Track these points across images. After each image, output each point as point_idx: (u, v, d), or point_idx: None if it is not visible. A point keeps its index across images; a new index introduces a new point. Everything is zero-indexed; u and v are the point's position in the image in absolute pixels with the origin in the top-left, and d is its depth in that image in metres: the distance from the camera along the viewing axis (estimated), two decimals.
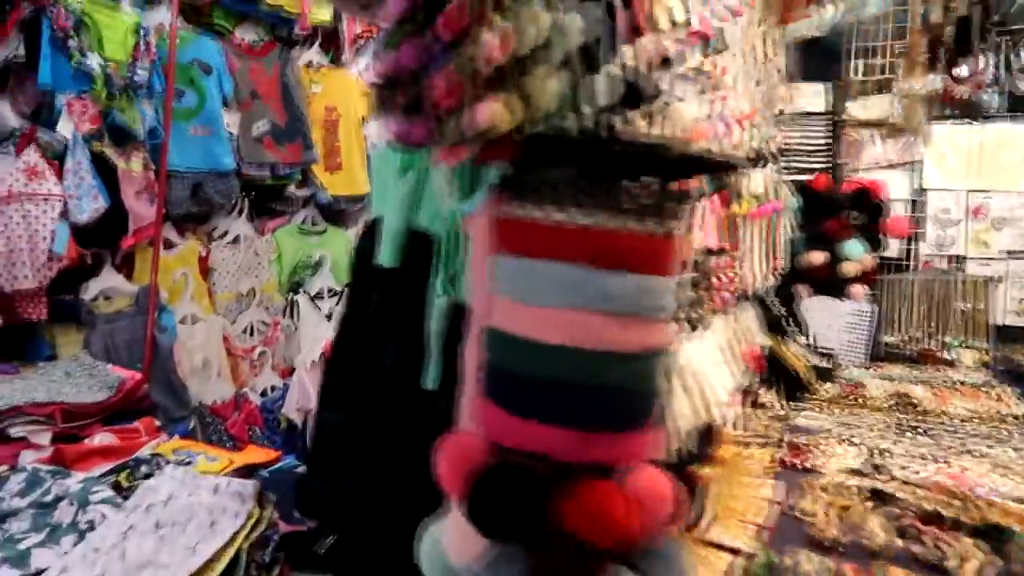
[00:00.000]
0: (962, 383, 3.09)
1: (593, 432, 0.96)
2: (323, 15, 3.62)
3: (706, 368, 1.68)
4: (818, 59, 3.45)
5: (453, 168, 1.24)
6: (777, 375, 2.69)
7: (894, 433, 2.36)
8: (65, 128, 2.62)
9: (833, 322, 3.50)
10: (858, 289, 3.51)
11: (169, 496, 1.76)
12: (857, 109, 3.65)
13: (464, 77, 0.85)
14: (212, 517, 1.68)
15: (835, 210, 3.50)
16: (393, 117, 0.93)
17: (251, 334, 3.50)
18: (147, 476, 1.95)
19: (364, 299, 1.36)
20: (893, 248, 3.81)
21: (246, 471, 2.05)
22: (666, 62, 1.29)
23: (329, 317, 3.70)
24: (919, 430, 2.42)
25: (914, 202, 3.88)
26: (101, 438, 2.21)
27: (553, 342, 0.95)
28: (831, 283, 3.53)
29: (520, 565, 0.95)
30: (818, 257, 3.50)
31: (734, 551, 1.45)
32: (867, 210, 3.47)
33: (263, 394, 3.46)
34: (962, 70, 3.46)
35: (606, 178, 0.93)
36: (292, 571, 1.75)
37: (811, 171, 3.68)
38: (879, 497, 1.77)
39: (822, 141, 3.73)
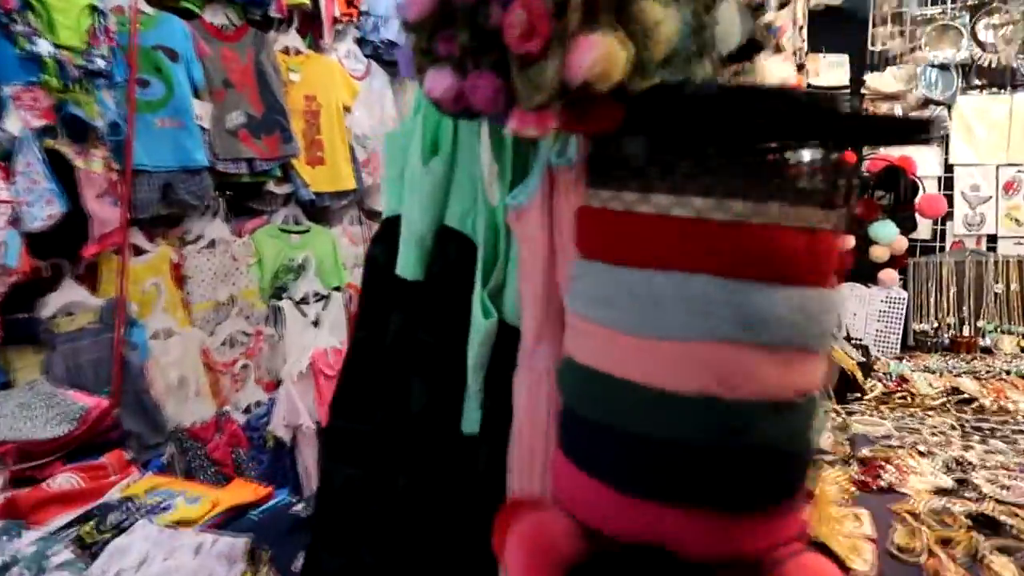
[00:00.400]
0: (1008, 373, 2.86)
1: (737, 515, 0.68)
2: None
3: None
4: (839, 29, 3.19)
5: (498, 145, 0.96)
6: (826, 379, 2.43)
7: (966, 439, 2.12)
8: (13, 124, 2.33)
9: (862, 311, 3.26)
10: (890, 274, 3.25)
11: (142, 560, 1.49)
12: (879, 81, 3.39)
13: (554, 5, 0.56)
14: None
15: (862, 190, 3.24)
16: (438, 73, 0.64)
17: (231, 346, 3.21)
18: (117, 527, 1.67)
19: (381, 321, 1.07)
20: (922, 229, 3.58)
21: (233, 513, 1.78)
22: (759, 8, 1.01)
23: (316, 323, 3.45)
24: (988, 432, 2.18)
25: (942, 179, 3.65)
26: (63, 480, 1.94)
27: (677, 389, 0.67)
28: (859, 269, 3.27)
29: None
30: (848, 241, 3.25)
31: None
32: (897, 189, 3.21)
33: (246, 411, 3.18)
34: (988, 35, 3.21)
35: (752, 151, 0.64)
36: None
37: None
38: (982, 523, 1.52)
39: None
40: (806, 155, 0.65)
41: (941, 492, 1.71)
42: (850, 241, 3.30)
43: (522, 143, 1.03)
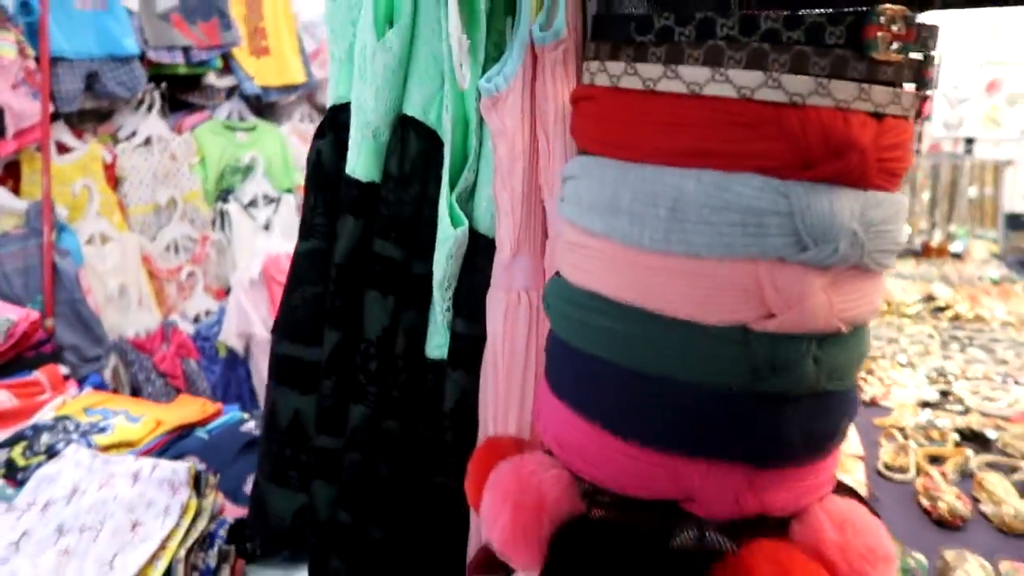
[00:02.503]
0: (979, 279, 2.83)
1: (768, 468, 0.56)
2: None
3: None
4: None
5: (469, 14, 0.78)
6: None
7: (946, 348, 2.07)
8: None
9: None
10: None
11: (74, 489, 1.35)
12: None
13: None
14: (133, 516, 1.28)
15: None
16: None
17: (176, 252, 3.03)
18: (50, 450, 1.54)
19: (329, 230, 0.91)
20: None
21: (179, 432, 1.65)
22: None
23: (267, 227, 3.26)
24: (966, 341, 2.13)
25: None
26: None
27: (701, 319, 0.53)
28: None
29: None
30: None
31: None
32: None
33: (196, 320, 3.03)
34: None
35: (813, 9, 0.49)
36: (249, 565, 1.36)
37: None
38: (969, 437, 1.47)
39: None
40: (890, 17, 0.50)
41: (925, 405, 1.65)
42: None
43: (499, 12, 0.84)
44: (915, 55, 0.53)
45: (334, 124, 0.95)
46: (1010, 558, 1.06)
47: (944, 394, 1.71)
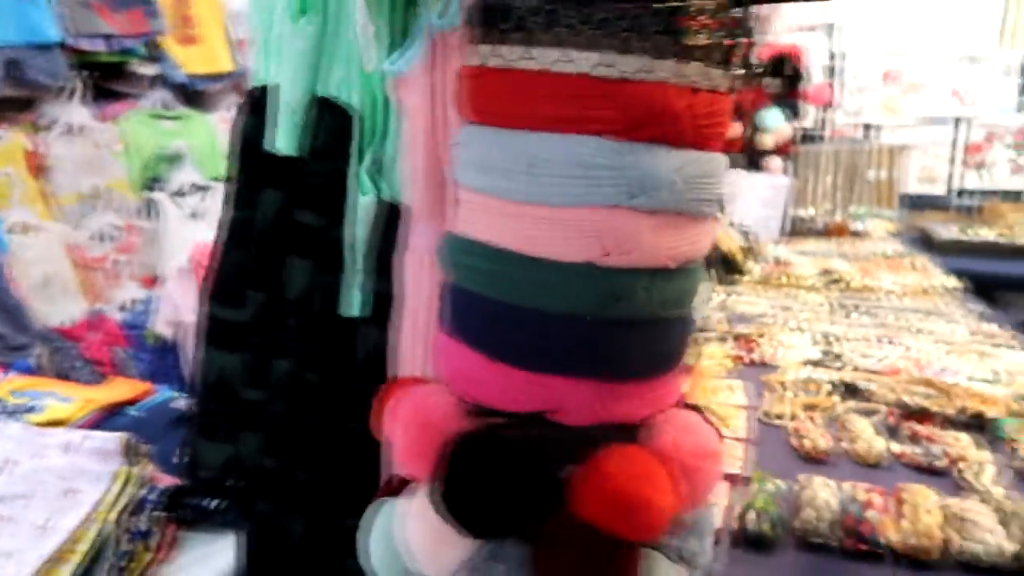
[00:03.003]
0: (875, 254, 3.06)
1: (617, 381, 0.68)
2: None
3: None
4: None
5: (376, 3, 0.88)
6: (708, 258, 2.51)
7: (834, 314, 2.26)
8: None
9: (748, 197, 3.36)
10: (775, 161, 3.36)
11: (5, 460, 1.40)
12: None
13: None
14: (66, 483, 1.34)
15: (753, 77, 3.28)
16: None
17: (102, 241, 3.01)
18: None
19: (254, 200, 1.00)
20: (808, 117, 3.68)
21: (110, 411, 1.70)
22: None
23: (196, 216, 3.25)
24: (857, 309, 2.33)
25: (832, 67, 3.74)
26: None
27: (557, 257, 0.65)
28: (748, 156, 3.37)
29: (516, 571, 0.68)
30: (735, 129, 3.30)
31: (728, 477, 1.25)
32: (786, 77, 3.27)
33: (123, 309, 3.01)
34: None
35: (642, 3, 0.61)
36: (181, 530, 1.43)
37: None
38: (851, 391, 1.64)
39: None
40: (698, 9, 0.62)
41: (809, 363, 1.82)
42: (737, 128, 3.37)
43: (402, 1, 0.95)
44: (729, 40, 0.65)
45: (257, 103, 1.04)
46: (853, 480, 1.23)
47: (826, 353, 1.89)
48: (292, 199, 0.98)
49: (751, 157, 3.35)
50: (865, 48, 3.71)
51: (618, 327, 0.66)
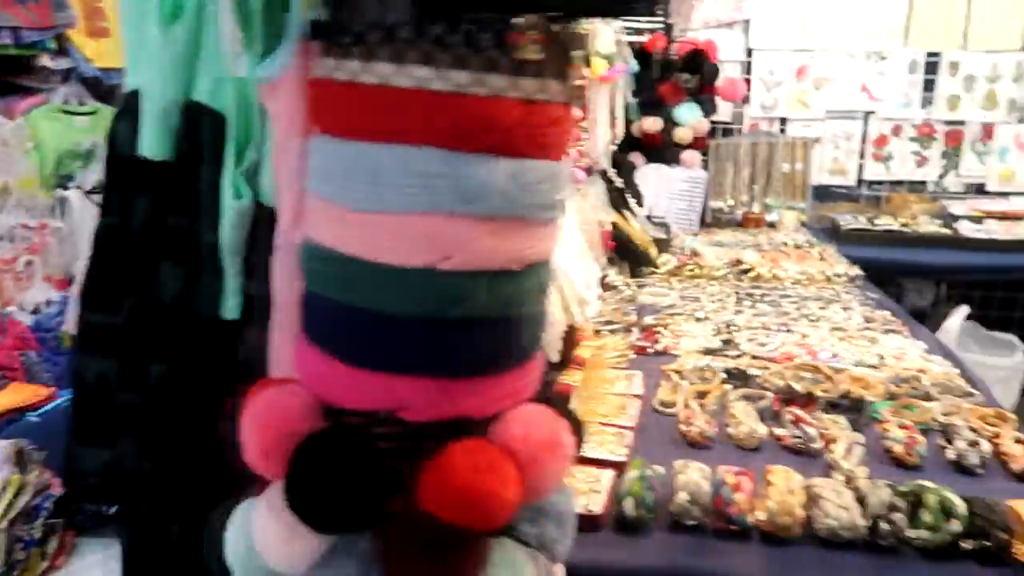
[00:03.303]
0: (786, 244, 3.16)
1: (460, 379, 0.71)
2: None
3: (570, 260, 1.47)
4: None
5: (244, 9, 0.89)
6: (622, 252, 2.58)
7: (738, 304, 2.35)
8: None
9: (666, 190, 3.45)
10: (691, 155, 3.45)
11: None
12: None
13: None
14: None
15: (669, 73, 3.36)
16: None
17: (11, 241, 2.92)
18: None
19: (127, 205, 1.00)
20: (724, 112, 3.79)
21: (8, 416, 1.68)
22: None
23: None
24: (757, 298, 2.42)
25: (746, 63, 3.85)
26: None
27: (397, 263, 0.68)
28: (665, 150, 3.45)
29: (366, 565, 0.71)
30: (654, 124, 3.38)
31: (606, 465, 1.30)
32: (701, 73, 3.36)
33: (35, 311, 2.92)
34: None
35: (471, 18, 0.64)
36: (79, 537, 1.43)
37: (645, 31, 3.49)
38: (741, 378, 1.71)
39: None
40: (528, 25, 0.65)
41: (708, 352, 1.89)
42: (657, 123, 3.45)
43: (272, 8, 0.96)
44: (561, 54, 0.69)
45: (130, 108, 1.04)
46: (735, 464, 1.29)
47: (725, 342, 1.96)
48: (165, 204, 0.98)
49: (667, 151, 3.43)
50: (777, 45, 3.83)
51: (460, 327, 0.70)
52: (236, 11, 0.91)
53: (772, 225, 3.57)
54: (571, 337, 1.62)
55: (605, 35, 1.99)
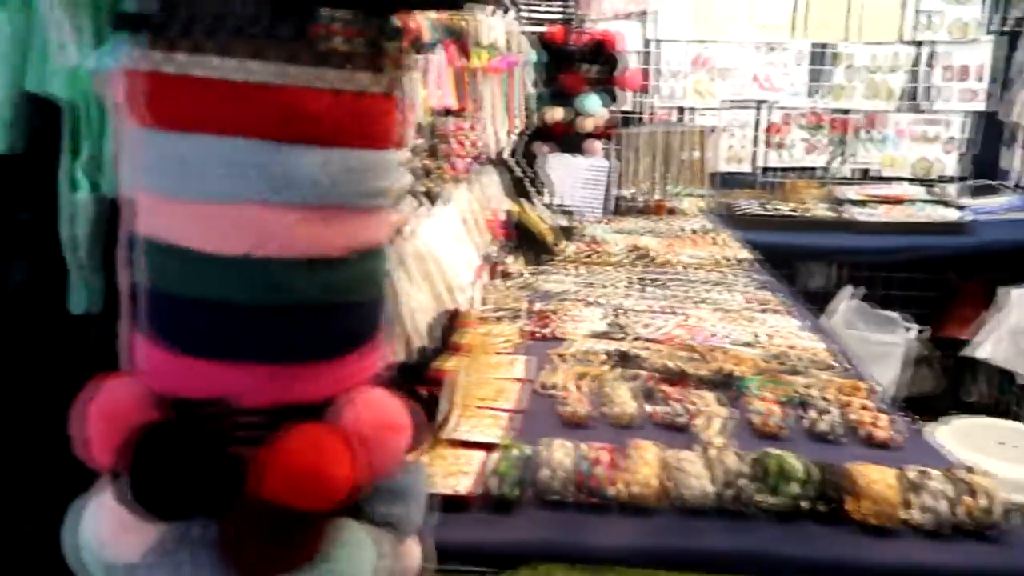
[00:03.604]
0: (682, 230, 3.27)
1: (291, 365, 0.73)
2: None
3: (446, 248, 1.49)
4: None
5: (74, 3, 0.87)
6: (523, 240, 2.62)
7: (633, 289, 2.42)
8: None
9: (572, 179, 3.51)
10: (595, 144, 3.52)
11: None
12: None
13: None
14: None
15: (572, 64, 3.42)
16: None
17: None
18: None
19: None
20: (629, 102, 3.87)
21: None
22: None
23: None
24: (649, 282, 2.49)
25: (647, 54, 3.94)
26: None
27: (225, 252, 0.69)
28: (570, 139, 3.51)
29: (206, 552, 0.72)
30: (558, 113, 3.44)
31: (486, 447, 1.34)
32: (603, 63, 3.43)
33: None
34: None
35: (294, 11, 0.65)
36: None
37: (548, 23, 3.53)
38: (624, 360, 1.77)
39: None
40: (331, 17, 0.67)
41: (595, 336, 1.95)
42: (560, 113, 3.51)
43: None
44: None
45: None
46: (598, 441, 1.35)
47: (612, 325, 2.03)
48: (5, 198, 0.96)
49: (573, 140, 3.49)
50: (676, 36, 3.94)
51: (285, 314, 0.71)
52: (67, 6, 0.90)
53: (673, 212, 3.67)
54: (452, 323, 1.65)
55: (493, 26, 2.01)
